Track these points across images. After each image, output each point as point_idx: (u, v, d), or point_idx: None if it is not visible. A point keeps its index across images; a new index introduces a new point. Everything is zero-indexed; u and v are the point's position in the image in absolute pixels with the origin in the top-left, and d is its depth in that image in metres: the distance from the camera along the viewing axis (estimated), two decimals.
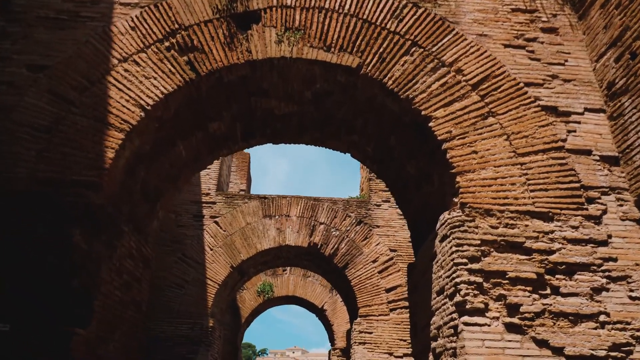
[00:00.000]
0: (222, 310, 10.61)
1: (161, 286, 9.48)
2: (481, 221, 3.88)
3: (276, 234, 10.03)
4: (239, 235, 9.96)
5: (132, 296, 4.57)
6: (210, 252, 9.80)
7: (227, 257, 9.79)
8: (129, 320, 4.51)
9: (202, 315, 9.32)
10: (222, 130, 5.38)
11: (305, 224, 10.12)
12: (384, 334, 9.23)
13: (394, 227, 10.19)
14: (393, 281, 9.65)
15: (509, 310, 3.57)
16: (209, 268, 9.68)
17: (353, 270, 9.78)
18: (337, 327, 14.37)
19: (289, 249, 10.14)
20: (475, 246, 3.77)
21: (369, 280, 9.68)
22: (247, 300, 14.39)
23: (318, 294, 14.65)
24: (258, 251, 9.89)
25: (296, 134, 5.79)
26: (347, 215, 10.19)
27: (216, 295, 9.58)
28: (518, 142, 4.19)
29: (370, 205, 10.42)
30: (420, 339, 4.59)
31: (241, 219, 10.12)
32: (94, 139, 4.09)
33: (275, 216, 10.18)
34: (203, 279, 9.59)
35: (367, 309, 9.45)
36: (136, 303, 4.68)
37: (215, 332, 9.58)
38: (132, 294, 4.55)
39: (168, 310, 9.31)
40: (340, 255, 9.90)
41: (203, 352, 8.99)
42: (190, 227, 10.08)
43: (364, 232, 10.06)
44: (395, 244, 10.02)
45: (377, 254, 9.89)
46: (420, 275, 4.71)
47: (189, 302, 9.42)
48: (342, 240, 9.99)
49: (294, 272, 14.84)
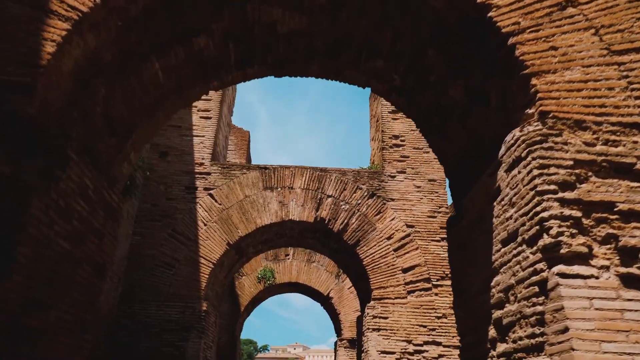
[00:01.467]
0: (218, 295, 9.49)
1: (148, 265, 8.37)
2: (571, 136, 2.73)
3: (278, 207, 8.90)
4: (237, 209, 8.83)
5: (89, 253, 3.43)
6: (204, 228, 8.68)
7: (223, 233, 8.66)
8: (84, 285, 3.38)
9: (194, 298, 8.19)
10: (210, 51, 4.23)
11: (311, 197, 8.99)
12: (401, 319, 8.10)
13: (411, 201, 9.06)
14: (411, 260, 8.52)
15: (623, 256, 2.43)
16: (202, 245, 8.56)
17: (365, 248, 8.65)
18: (344, 316, 13.24)
19: (292, 224, 9.01)
20: (567, 168, 2.62)
21: (384, 259, 8.55)
22: (246, 287, 13.27)
23: (323, 281, 13.52)
24: (258, 226, 8.76)
25: (304, 61, 4.64)
26: (358, 188, 9.06)
27: (210, 276, 8.45)
28: (611, 38, 3.03)
29: (384, 177, 9.29)
30: (472, 309, 3.44)
31: (239, 191, 8.99)
32: (30, 30, 2.95)
33: (277, 188, 9.04)
34: (196, 258, 8.47)
35: (382, 291, 8.31)
36: (95, 264, 3.54)
37: (210, 318, 8.45)
38: (88, 250, 3.41)
39: (156, 293, 8.19)
40: (351, 232, 8.77)
41: (194, 339, 7.87)
42: (181, 200, 8.95)
43: (377, 206, 8.93)
44: (412, 219, 8.88)
45: (392, 229, 8.76)
46: (470, 227, 3.57)
47: (180, 284, 8.30)
48: (353, 215, 8.85)
49: (297, 257, 13.72)
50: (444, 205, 9.07)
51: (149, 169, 9.02)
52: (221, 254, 8.55)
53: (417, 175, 9.33)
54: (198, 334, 7.93)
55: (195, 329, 7.96)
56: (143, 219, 8.79)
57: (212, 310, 8.72)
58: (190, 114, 9.74)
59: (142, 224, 8.75)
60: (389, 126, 9.82)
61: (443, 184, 9.29)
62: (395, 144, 9.61)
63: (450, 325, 8.13)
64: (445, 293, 8.35)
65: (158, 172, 9.11)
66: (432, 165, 9.38)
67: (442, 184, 9.29)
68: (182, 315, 8.04)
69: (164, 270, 8.35)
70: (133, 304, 8.02)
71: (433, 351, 7.92)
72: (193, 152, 9.39)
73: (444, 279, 8.46)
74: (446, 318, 8.18)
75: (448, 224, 4.19)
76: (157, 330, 7.90)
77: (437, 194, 9.17)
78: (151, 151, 9.27)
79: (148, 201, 8.94)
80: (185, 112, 9.73)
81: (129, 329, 7.81)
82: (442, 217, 8.95)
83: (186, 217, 8.78)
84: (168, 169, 9.17)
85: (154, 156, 9.25)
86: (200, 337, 7.94)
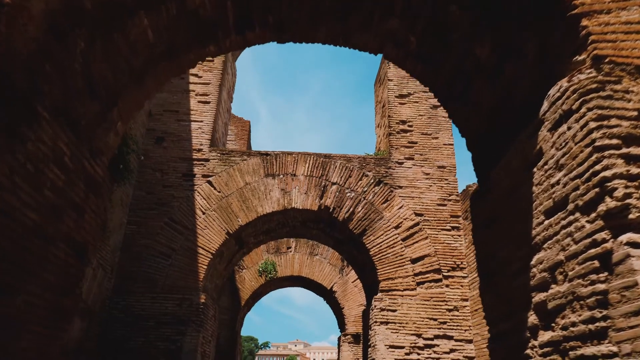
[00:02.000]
0: (217, 287, 9.07)
1: (143, 256, 7.94)
2: (632, 83, 2.29)
3: (280, 195, 8.46)
4: (237, 197, 8.40)
5: (66, 230, 2.99)
6: (202, 217, 8.25)
7: (222, 222, 8.23)
8: (60, 266, 2.94)
9: (192, 290, 7.77)
10: (206, 10, 3.79)
11: (315, 185, 8.55)
12: (410, 312, 7.68)
13: (420, 188, 8.62)
14: (420, 250, 8.09)
15: None
16: (200, 235, 8.13)
17: (372, 237, 8.21)
18: (348, 310, 12.82)
19: (295, 213, 8.57)
20: (632, 120, 2.18)
21: (391, 248, 8.12)
22: (247, 281, 12.85)
23: (327, 274, 13.10)
24: (259, 215, 8.33)
25: (310, 24, 4.19)
26: (364, 175, 8.62)
27: (209, 267, 8.03)
28: None
29: (391, 163, 8.85)
30: (505, 293, 3.00)
31: (239, 178, 8.55)
32: None
33: (279, 175, 8.60)
34: (193, 248, 8.04)
35: (390, 282, 7.89)
36: (74, 244, 3.11)
37: (209, 311, 8.03)
38: (64, 227, 2.97)
39: (151, 284, 7.76)
40: (357, 220, 8.33)
41: (192, 334, 7.45)
42: (178, 187, 8.52)
43: (384, 194, 8.49)
44: (421, 208, 8.45)
45: (400, 218, 8.33)
46: (502, 201, 3.13)
47: (177, 275, 7.88)
48: (359, 203, 8.42)
49: (299, 250, 13.29)
50: (454, 193, 8.63)
51: (144, 154, 8.59)
52: (220, 243, 8.13)
53: (425, 162, 8.89)
54: (196, 328, 7.51)
55: (193, 323, 7.54)
56: (138, 207, 8.36)
57: (211, 303, 8.30)
58: (188, 98, 9.29)
59: (136, 212, 8.32)
60: (395, 111, 9.37)
61: (453, 171, 8.85)
62: (402, 129, 9.16)
63: (461, 318, 7.71)
64: (456, 285, 7.93)
65: (154, 159, 8.67)
66: (441, 152, 8.94)
67: (452, 171, 8.84)
68: (178, 307, 7.62)
69: (160, 261, 7.93)
70: (127, 296, 7.60)
71: (444, 345, 7.50)
72: (191, 137, 8.95)
73: (455, 269, 8.04)
74: (457, 311, 7.76)
75: (472, 200, 3.74)
76: (152, 324, 7.48)
77: (446, 181, 8.73)
78: (147, 136, 8.84)
79: (143, 189, 8.51)
80: (182, 96, 9.29)
81: (122, 322, 7.38)
82: (453, 205, 8.52)
83: (183, 206, 8.36)
84: (164, 155, 8.73)
85: (150, 142, 8.81)
86: (198, 330, 7.52)
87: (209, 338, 8.21)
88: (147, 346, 7.35)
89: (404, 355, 7.40)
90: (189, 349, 7.36)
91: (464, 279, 7.99)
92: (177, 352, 7.32)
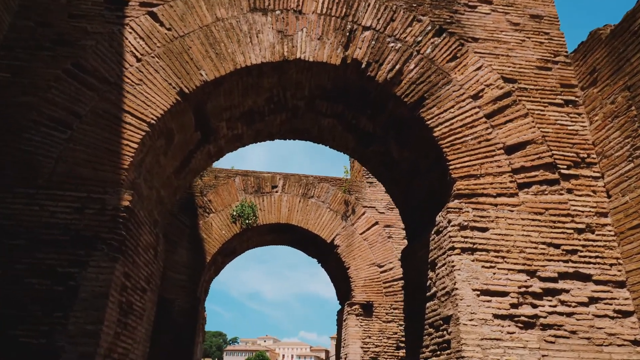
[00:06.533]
0: (162, 203, 5.39)
1: (20, 123, 4.24)
2: None
3: (276, 39, 4.87)
4: (200, 37, 4.77)
5: None
6: (135, 65, 4.59)
7: (172, 75, 4.60)
8: None
9: (107, 184, 4.11)
10: None
11: (335, 27, 4.99)
12: (512, 233, 4.21)
13: (507, 43, 5.17)
14: (517, 133, 4.65)
15: None
16: (130, 93, 4.47)
17: (435, 109, 4.72)
18: (354, 271, 9.29)
19: (301, 70, 5.00)
20: None
21: (470, 129, 4.64)
22: (214, 228, 9.15)
23: (326, 223, 9.53)
24: (238, 67, 4.72)
25: None
26: (416, 19, 5.11)
27: (142, 148, 4.39)
28: None
29: (458, 6, 5.35)
30: None
31: (204, 10, 4.91)
32: None
33: (274, 11, 5.01)
34: (116, 113, 4.38)
35: (472, 182, 4.40)
36: None
37: (141, 230, 4.39)
38: None
39: (30, 172, 4.08)
40: (408, 84, 4.82)
41: (102, 264, 3.79)
42: (96, 18, 4.82)
43: (450, 48, 5.00)
44: (512, 70, 5.00)
45: (481, 84, 4.86)
46: None
47: (80, 157, 4.20)
48: (410, 58, 4.91)
49: (289, 190, 9.67)
50: (562, 52, 5.21)
51: None
52: (166, 109, 4.49)
53: (511, 8, 5.43)
54: (110, 255, 3.85)
55: (105, 244, 3.87)
56: (19, 45, 4.63)
57: (147, 219, 4.65)
58: None
59: (15, 52, 4.59)
60: None
61: (555, 23, 5.44)
62: None
63: (602, 245, 4.29)
64: (585, 190, 4.51)
65: None
66: None
67: (555, 23, 5.43)
68: (78, 215, 3.95)
69: (49, 132, 4.23)
70: None
71: (578, 291, 4.06)
72: None
73: (580, 166, 4.62)
74: (592, 233, 4.34)
75: None
76: (23, 243, 3.79)
77: (547, 35, 5.29)
78: None
79: (32, 17, 4.78)
80: None
81: None
82: (562, 69, 5.10)
83: (103, 47, 4.66)
84: None
85: None
86: (114, 259, 3.85)
87: (140, 282, 4.53)
88: (9, 284, 3.66)
89: (509, 307, 3.92)
90: (92, 291, 3.69)
91: (595, 182, 4.58)
92: (68, 297, 3.65)
